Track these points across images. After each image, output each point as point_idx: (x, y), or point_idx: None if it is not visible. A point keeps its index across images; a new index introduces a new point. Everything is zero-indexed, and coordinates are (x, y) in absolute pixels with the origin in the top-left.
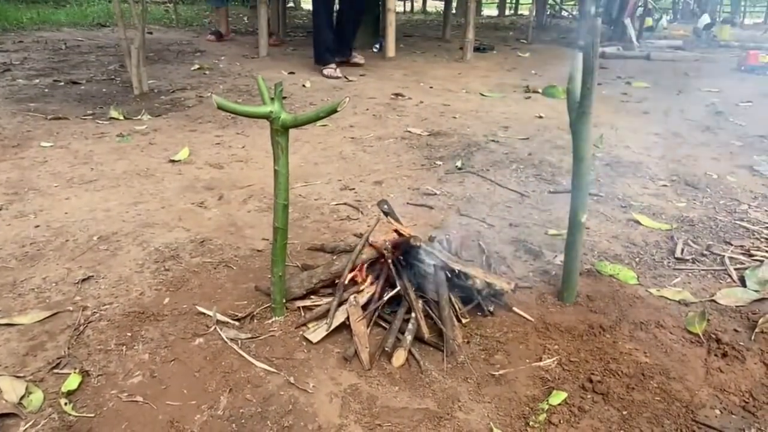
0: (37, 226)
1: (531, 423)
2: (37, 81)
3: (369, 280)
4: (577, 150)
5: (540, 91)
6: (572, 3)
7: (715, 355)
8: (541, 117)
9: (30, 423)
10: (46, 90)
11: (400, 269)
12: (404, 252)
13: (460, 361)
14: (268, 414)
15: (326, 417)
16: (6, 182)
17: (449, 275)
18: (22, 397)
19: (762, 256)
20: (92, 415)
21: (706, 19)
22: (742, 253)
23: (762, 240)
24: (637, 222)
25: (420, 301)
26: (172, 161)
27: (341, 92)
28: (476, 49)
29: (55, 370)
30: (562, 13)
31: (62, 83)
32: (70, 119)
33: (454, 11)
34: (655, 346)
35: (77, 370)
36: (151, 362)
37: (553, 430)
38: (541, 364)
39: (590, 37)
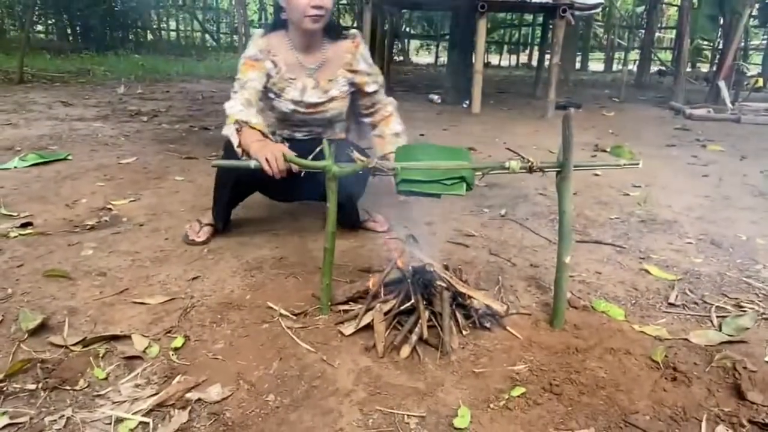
0: (167, 239)
1: (491, 406)
2: (177, 126)
3: (393, 294)
4: (561, 205)
5: (608, 150)
6: None
7: (666, 379)
8: (597, 175)
9: (149, 364)
10: (183, 134)
11: (416, 287)
12: (422, 275)
13: (452, 360)
14: (303, 377)
15: (343, 384)
16: (148, 206)
17: (455, 295)
18: (145, 348)
19: (750, 308)
20: (188, 363)
21: None
22: (733, 305)
23: (761, 296)
24: (647, 271)
25: (427, 312)
26: None
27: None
28: (561, 107)
29: (168, 335)
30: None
31: (196, 128)
32: (198, 159)
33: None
34: (616, 367)
35: (182, 335)
36: (231, 336)
37: (508, 413)
38: (515, 368)
39: (567, 121)
